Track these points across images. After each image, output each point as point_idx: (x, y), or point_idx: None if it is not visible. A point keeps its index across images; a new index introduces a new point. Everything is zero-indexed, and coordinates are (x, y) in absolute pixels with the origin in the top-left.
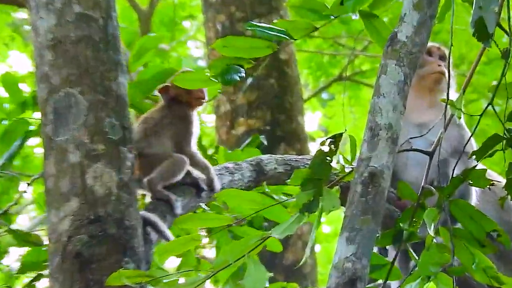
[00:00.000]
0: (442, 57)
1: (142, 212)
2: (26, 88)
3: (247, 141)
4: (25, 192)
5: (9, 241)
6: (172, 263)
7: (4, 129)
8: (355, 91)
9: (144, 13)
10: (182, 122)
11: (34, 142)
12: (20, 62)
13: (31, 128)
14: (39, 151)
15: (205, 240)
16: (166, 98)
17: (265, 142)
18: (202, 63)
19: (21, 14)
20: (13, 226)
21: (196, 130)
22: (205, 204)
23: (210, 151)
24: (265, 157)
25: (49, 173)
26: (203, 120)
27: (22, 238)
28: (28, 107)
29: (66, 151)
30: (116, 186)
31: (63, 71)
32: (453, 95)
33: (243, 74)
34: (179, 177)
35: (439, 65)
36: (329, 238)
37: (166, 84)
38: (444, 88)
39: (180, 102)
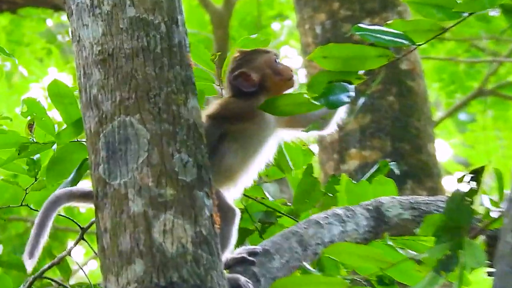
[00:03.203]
0: None
1: (235, 277)
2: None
3: (373, 169)
4: (76, 244)
5: None
6: None
7: (52, 157)
8: (502, 110)
9: (219, 13)
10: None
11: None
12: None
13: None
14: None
15: None
16: (238, 88)
17: (397, 171)
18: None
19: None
20: None
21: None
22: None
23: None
24: (386, 199)
25: (103, 227)
26: (313, 152)
27: None
28: None
29: (125, 198)
30: (191, 242)
31: (116, 94)
32: None
33: (353, 93)
34: (234, 239)
35: None
36: None
37: (241, 70)
38: None
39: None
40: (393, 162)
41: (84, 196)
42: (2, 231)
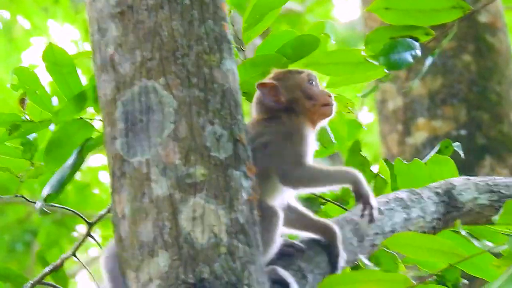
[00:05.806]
0: None
1: (270, 268)
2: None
3: (433, 151)
4: (81, 243)
5: None
6: None
7: (50, 138)
8: None
9: None
10: (290, 140)
11: (96, 161)
12: (67, 38)
13: (94, 136)
14: (105, 178)
15: None
16: (269, 104)
17: (461, 153)
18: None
19: None
20: None
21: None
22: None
23: (375, 169)
24: (458, 181)
25: (121, 213)
26: (361, 123)
27: None
28: (89, 103)
29: (147, 179)
30: (226, 231)
31: (136, 54)
32: None
33: (419, 52)
34: (275, 243)
35: None
36: None
37: (270, 81)
38: None
39: (293, 112)
40: (457, 143)
41: None
42: None
